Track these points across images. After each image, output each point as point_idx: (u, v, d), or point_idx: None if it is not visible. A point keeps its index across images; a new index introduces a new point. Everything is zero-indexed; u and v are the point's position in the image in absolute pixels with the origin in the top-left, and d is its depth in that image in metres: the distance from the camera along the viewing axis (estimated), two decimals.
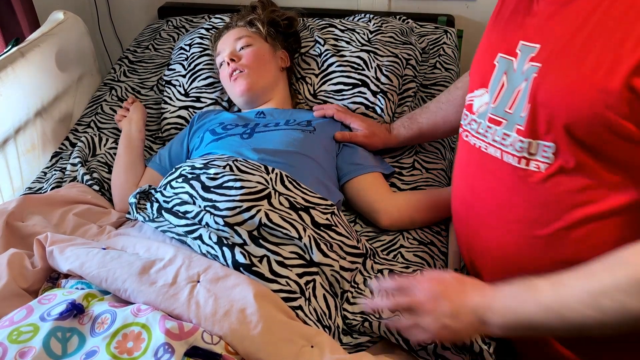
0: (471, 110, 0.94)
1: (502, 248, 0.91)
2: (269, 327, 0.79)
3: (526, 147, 0.83)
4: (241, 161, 1.04)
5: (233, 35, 1.40)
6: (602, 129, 0.74)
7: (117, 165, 1.31)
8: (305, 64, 1.51)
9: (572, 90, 0.76)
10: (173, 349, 0.71)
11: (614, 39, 0.72)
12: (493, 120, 0.88)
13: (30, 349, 0.73)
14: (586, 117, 0.75)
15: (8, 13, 1.59)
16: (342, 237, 0.98)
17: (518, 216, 0.87)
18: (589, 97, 0.74)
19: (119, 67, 1.71)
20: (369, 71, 1.45)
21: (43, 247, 0.95)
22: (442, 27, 1.76)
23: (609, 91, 0.72)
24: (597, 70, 0.73)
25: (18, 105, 1.34)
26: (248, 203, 0.94)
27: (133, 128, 1.37)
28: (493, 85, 0.89)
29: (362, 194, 1.22)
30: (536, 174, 0.82)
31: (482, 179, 0.92)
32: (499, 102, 0.86)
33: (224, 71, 1.37)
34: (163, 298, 0.81)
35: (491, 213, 0.91)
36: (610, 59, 0.72)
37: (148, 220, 0.98)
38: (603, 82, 0.72)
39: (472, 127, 0.93)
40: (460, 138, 0.98)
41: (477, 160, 0.92)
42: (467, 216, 0.98)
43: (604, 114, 0.73)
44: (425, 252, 1.13)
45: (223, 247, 0.89)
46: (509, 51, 0.86)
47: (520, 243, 0.88)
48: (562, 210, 0.82)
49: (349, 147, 1.30)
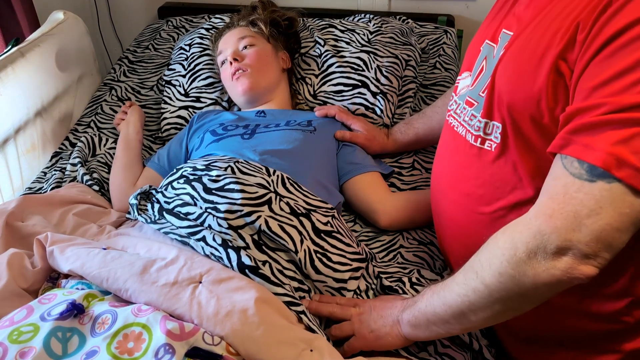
0: (455, 91, 0.97)
1: (454, 220, 0.96)
2: (271, 329, 0.79)
3: (482, 126, 0.85)
4: (243, 163, 1.04)
5: (235, 34, 1.40)
6: (530, 111, 0.76)
7: (115, 166, 1.32)
8: (306, 65, 1.51)
9: (513, 72, 0.78)
10: (174, 350, 0.71)
11: (555, 24, 0.74)
12: (469, 102, 0.90)
13: (31, 349, 0.73)
14: (522, 100, 0.77)
15: (8, 13, 1.59)
16: (342, 244, 0.98)
17: (467, 190, 0.90)
18: (525, 79, 0.76)
19: (119, 67, 1.71)
20: (369, 72, 1.45)
21: (43, 247, 0.95)
22: (442, 27, 1.76)
23: (540, 74, 0.74)
24: (534, 53, 0.75)
25: (18, 105, 1.34)
26: (249, 208, 0.94)
27: (131, 130, 1.38)
28: (475, 69, 0.91)
29: (361, 194, 1.22)
30: (489, 153, 0.85)
31: (449, 155, 0.97)
32: (476, 85, 0.88)
33: (225, 70, 1.37)
34: (165, 298, 0.80)
35: (449, 185, 0.96)
36: (546, 42, 0.74)
37: (150, 222, 0.98)
38: (537, 65, 0.74)
39: (452, 107, 0.97)
40: (446, 117, 1.01)
41: (450, 138, 0.96)
42: (435, 188, 1.03)
43: (534, 96, 0.75)
44: (425, 252, 1.13)
45: (228, 249, 0.89)
46: (493, 38, 0.88)
47: (469, 217, 0.92)
48: (503, 191, 0.85)
49: (348, 147, 1.30)
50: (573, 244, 0.65)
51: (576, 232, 0.65)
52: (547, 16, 0.76)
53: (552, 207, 0.67)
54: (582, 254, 0.65)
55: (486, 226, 0.88)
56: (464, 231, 0.94)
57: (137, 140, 1.37)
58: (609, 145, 0.62)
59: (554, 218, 0.66)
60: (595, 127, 0.64)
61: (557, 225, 0.66)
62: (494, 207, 0.86)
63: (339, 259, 0.96)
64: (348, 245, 0.99)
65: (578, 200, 0.65)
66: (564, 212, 0.65)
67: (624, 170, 0.62)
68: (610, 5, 0.66)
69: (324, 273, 0.94)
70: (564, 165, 0.67)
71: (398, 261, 1.11)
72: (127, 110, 1.45)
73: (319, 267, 0.93)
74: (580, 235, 0.65)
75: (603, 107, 0.64)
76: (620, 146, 0.62)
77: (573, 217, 0.65)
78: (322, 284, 0.94)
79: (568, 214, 0.65)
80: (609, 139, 0.63)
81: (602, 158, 0.62)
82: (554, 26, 0.73)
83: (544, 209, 0.68)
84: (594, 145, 0.64)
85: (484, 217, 0.88)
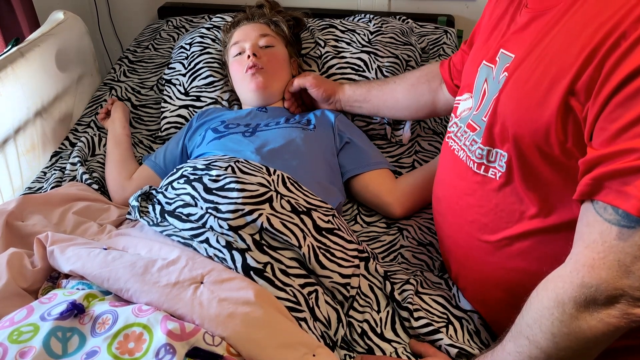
0: (455, 113, 0.95)
1: (457, 245, 0.95)
2: (273, 331, 0.79)
3: (484, 154, 0.84)
4: (243, 162, 1.04)
5: (257, 29, 1.39)
6: (538, 144, 0.75)
7: (108, 162, 1.33)
8: (306, 65, 1.51)
9: (519, 103, 0.77)
10: (174, 350, 0.71)
11: (561, 55, 0.72)
12: (471, 126, 0.89)
13: (31, 348, 0.73)
14: (528, 132, 0.75)
15: (8, 13, 1.59)
16: (344, 241, 0.98)
17: (471, 218, 0.89)
18: (531, 111, 0.74)
19: (119, 67, 1.71)
20: (369, 73, 1.45)
21: (43, 246, 0.94)
22: (442, 27, 1.76)
23: (547, 107, 0.72)
24: (541, 84, 0.73)
25: (18, 105, 1.34)
26: (250, 206, 0.93)
27: (117, 125, 1.40)
28: (476, 91, 0.90)
29: (370, 188, 1.23)
30: (492, 182, 0.84)
31: (451, 179, 0.95)
32: (480, 110, 0.87)
33: (239, 62, 1.36)
34: (166, 298, 0.80)
35: (451, 210, 0.95)
36: (553, 74, 0.72)
37: (152, 224, 0.98)
38: (544, 96, 0.73)
39: (452, 129, 0.95)
40: (445, 138, 1.00)
41: (451, 162, 0.95)
42: (437, 210, 1.02)
43: (542, 129, 0.73)
44: (424, 253, 1.13)
45: (232, 251, 0.89)
46: (492, 59, 0.86)
47: (471, 244, 0.90)
48: (509, 220, 0.83)
49: (351, 144, 1.30)
50: (625, 291, 0.64)
51: (624, 279, 0.64)
52: (551, 43, 0.74)
53: (592, 257, 0.65)
54: (635, 298, 0.64)
55: (491, 254, 0.87)
56: (468, 256, 0.93)
57: (124, 135, 1.39)
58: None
59: (597, 269, 0.65)
60: (627, 174, 0.63)
61: (602, 275, 0.64)
62: (499, 236, 0.85)
63: (342, 255, 0.96)
64: (350, 242, 0.99)
65: (619, 247, 0.63)
66: (606, 261, 0.64)
67: None
68: (625, 37, 0.64)
69: (329, 268, 0.93)
70: (597, 212, 0.66)
71: (399, 261, 1.12)
72: (109, 107, 1.47)
73: (323, 262, 0.93)
74: (629, 282, 0.63)
75: (633, 153, 0.62)
76: None
77: (617, 266, 0.64)
78: (328, 280, 0.93)
79: (612, 262, 0.64)
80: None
81: (638, 206, 0.61)
82: (561, 56, 0.71)
83: (584, 260, 0.66)
84: (629, 192, 0.62)
85: (489, 245, 0.87)
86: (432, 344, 0.91)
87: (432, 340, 0.92)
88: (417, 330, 0.93)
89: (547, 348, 0.70)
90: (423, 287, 1.02)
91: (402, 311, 0.95)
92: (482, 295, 0.95)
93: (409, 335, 0.95)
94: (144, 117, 1.55)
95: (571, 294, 0.67)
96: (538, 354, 0.71)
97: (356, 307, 0.95)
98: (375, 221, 1.24)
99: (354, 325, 0.94)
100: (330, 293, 0.94)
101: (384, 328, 0.94)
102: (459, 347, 0.89)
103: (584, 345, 0.68)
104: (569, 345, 0.69)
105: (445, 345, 0.90)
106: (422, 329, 0.92)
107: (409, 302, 0.95)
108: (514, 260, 0.85)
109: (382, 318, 0.95)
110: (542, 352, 0.71)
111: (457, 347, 0.89)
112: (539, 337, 0.71)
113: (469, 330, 0.96)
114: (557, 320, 0.69)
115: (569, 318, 0.68)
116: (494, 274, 0.89)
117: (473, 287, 0.97)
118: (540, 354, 0.71)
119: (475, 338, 0.96)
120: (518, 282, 0.85)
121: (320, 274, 0.93)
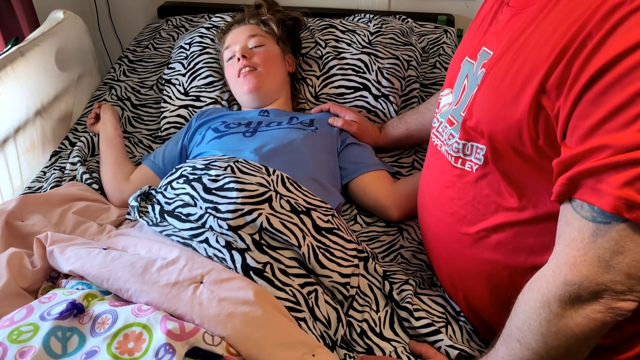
0: (438, 108, 0.97)
1: (438, 237, 0.96)
2: (273, 331, 0.79)
3: (460, 148, 0.85)
4: (242, 162, 1.04)
5: (246, 31, 1.39)
6: (511, 141, 0.76)
7: (103, 164, 1.33)
8: (307, 65, 1.51)
9: (495, 101, 0.77)
10: (174, 350, 0.71)
11: (534, 53, 0.72)
12: (450, 121, 0.89)
13: (30, 348, 0.73)
14: (502, 129, 0.76)
15: (8, 12, 1.59)
16: (343, 240, 0.98)
17: (451, 210, 0.90)
18: (505, 109, 0.75)
19: (119, 66, 1.71)
20: (370, 74, 1.45)
21: (43, 246, 0.95)
22: (442, 27, 1.76)
23: (519, 105, 0.73)
24: (515, 83, 0.74)
25: (18, 105, 1.34)
26: (250, 206, 0.93)
27: (108, 127, 1.40)
28: (457, 87, 0.90)
29: (368, 191, 1.23)
30: (469, 174, 0.85)
31: (433, 172, 0.96)
32: (459, 105, 0.88)
33: (232, 66, 1.37)
34: (166, 298, 0.80)
35: (432, 202, 0.96)
36: (526, 73, 0.72)
37: (152, 224, 0.98)
38: (516, 96, 0.73)
39: (435, 125, 0.96)
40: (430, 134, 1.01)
41: (433, 156, 0.96)
42: (420, 204, 1.03)
43: (514, 127, 0.74)
44: (424, 253, 1.13)
45: (232, 251, 0.89)
46: (473, 55, 0.87)
47: (451, 236, 0.91)
48: (486, 212, 0.84)
49: (353, 146, 1.30)
50: (607, 286, 0.65)
51: (605, 274, 0.64)
52: (527, 41, 0.75)
53: (573, 255, 0.66)
54: (617, 292, 0.65)
55: (469, 246, 0.88)
56: (448, 249, 0.94)
57: (117, 135, 1.38)
58: (615, 189, 0.62)
59: (579, 266, 0.66)
60: (600, 171, 0.63)
61: (583, 272, 0.66)
62: (477, 228, 0.86)
63: (341, 255, 0.96)
64: (349, 242, 0.99)
65: (598, 244, 0.64)
66: (587, 258, 0.65)
67: (635, 212, 0.61)
68: (591, 37, 0.65)
69: (329, 268, 0.93)
70: (575, 210, 0.67)
71: (398, 261, 1.12)
72: (98, 112, 1.46)
73: (323, 262, 0.93)
74: (611, 277, 0.64)
75: (605, 150, 0.63)
76: (627, 188, 0.61)
77: (598, 262, 0.64)
78: (328, 279, 0.93)
79: (592, 259, 0.65)
80: (615, 182, 0.62)
81: (611, 203, 0.62)
82: (534, 55, 0.72)
83: (565, 258, 0.67)
84: (602, 189, 0.63)
85: (467, 237, 0.88)
86: (432, 344, 0.91)
87: (432, 340, 0.92)
88: (418, 330, 0.93)
89: (538, 349, 0.71)
90: (422, 287, 1.02)
91: (401, 311, 0.95)
92: (463, 291, 0.96)
93: (408, 334, 0.95)
94: (144, 116, 1.55)
95: (555, 293, 0.68)
96: (530, 355, 0.72)
97: (355, 306, 0.95)
98: (375, 221, 1.24)
99: (353, 324, 0.94)
100: (330, 293, 0.94)
101: (383, 327, 0.94)
102: (459, 349, 0.89)
103: (573, 343, 0.69)
104: (559, 344, 0.70)
105: (445, 346, 0.90)
106: (423, 329, 0.93)
107: (407, 302, 0.95)
108: (491, 251, 0.86)
109: (381, 317, 0.95)
110: (534, 353, 0.72)
111: (457, 348, 0.90)
112: (529, 339, 0.72)
113: (468, 331, 0.96)
114: (544, 320, 0.70)
115: (555, 317, 0.69)
116: (473, 267, 0.90)
117: (453, 280, 0.97)
118: (532, 355, 0.72)
119: (475, 338, 0.96)
120: (496, 275, 0.86)
121: (319, 274, 0.93)
